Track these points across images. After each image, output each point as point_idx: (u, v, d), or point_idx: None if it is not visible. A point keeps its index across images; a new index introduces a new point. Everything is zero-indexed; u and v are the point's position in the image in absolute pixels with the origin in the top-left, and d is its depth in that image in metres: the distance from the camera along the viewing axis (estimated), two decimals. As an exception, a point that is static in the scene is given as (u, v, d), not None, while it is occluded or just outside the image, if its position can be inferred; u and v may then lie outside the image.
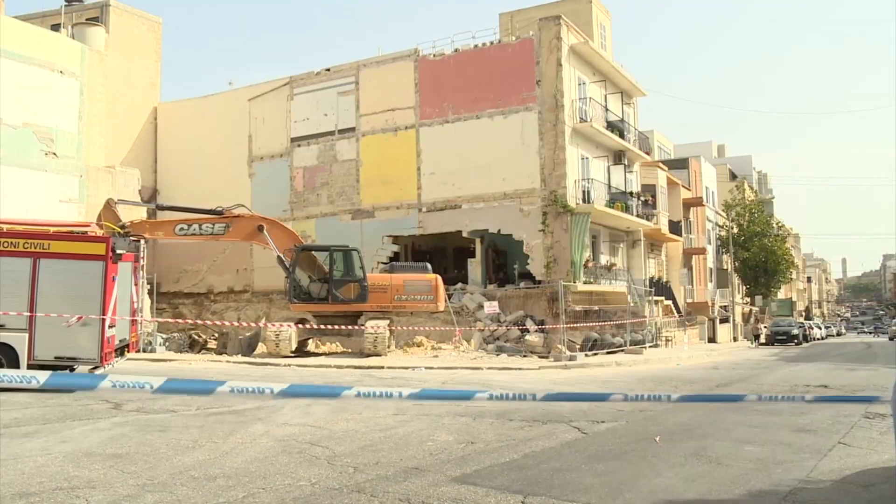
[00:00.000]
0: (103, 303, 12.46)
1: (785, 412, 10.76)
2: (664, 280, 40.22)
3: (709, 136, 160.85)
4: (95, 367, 12.66)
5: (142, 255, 15.18)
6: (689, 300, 44.86)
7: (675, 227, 41.85)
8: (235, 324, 22.44)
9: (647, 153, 37.99)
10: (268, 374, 16.47)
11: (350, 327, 22.08)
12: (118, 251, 12.95)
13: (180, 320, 25.61)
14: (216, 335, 24.89)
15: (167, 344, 23.41)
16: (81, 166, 25.60)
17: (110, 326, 12.61)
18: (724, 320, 48.10)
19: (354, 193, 32.39)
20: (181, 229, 21.57)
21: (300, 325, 22.41)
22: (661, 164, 40.95)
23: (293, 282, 21.69)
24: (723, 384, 16.09)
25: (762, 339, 46.84)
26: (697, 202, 48.12)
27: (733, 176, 65.30)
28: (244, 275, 34.53)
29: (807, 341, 48.94)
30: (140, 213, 25.51)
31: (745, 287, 58.58)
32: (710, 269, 52.16)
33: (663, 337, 32.79)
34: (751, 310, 58.06)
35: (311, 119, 33.45)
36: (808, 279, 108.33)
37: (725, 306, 50.71)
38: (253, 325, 24.35)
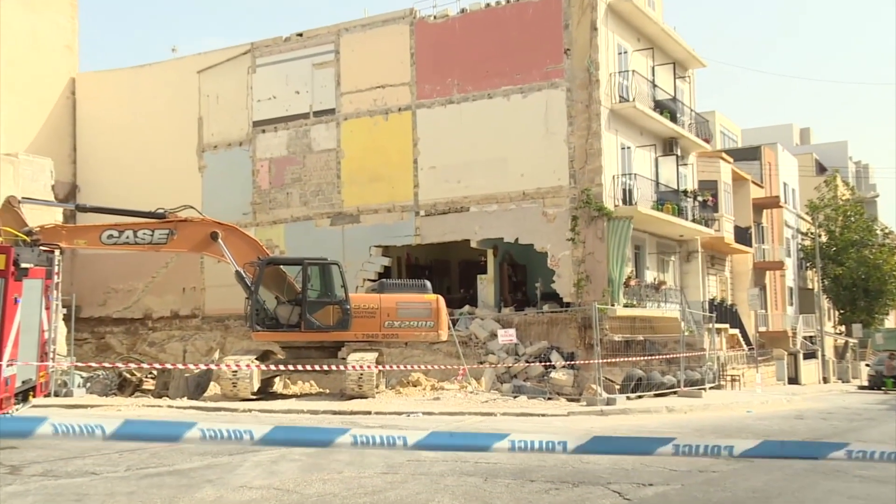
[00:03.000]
0: (0, 332, 12.08)
1: (901, 479, 10.29)
2: (729, 303, 40.26)
3: (789, 117, 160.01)
4: None
5: (56, 271, 15.04)
6: (761, 328, 44.86)
7: (742, 235, 41.94)
8: (179, 366, 22.52)
9: (707, 140, 38.14)
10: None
11: (328, 363, 22.15)
12: (23, 265, 12.70)
13: (106, 365, 25.55)
14: (153, 373, 24.96)
15: (89, 385, 23.30)
16: (-30, 153, 25.44)
17: (9, 364, 12.17)
18: (810, 355, 47.92)
19: (334, 192, 32.57)
20: (110, 237, 21.64)
21: (262, 366, 22.49)
22: (724, 155, 41.09)
23: (256, 304, 21.79)
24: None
25: (864, 381, 46.19)
26: (773, 203, 48.21)
27: (822, 168, 65.08)
28: (192, 295, 34.67)
29: None
30: (54, 216, 25.49)
31: (837, 312, 58.25)
32: (790, 289, 52.17)
33: (728, 376, 32.84)
34: (846, 342, 57.49)
35: (279, 98, 33.68)
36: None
37: (811, 337, 50.56)
38: (201, 366, 24.43)
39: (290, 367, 22.64)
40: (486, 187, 29.92)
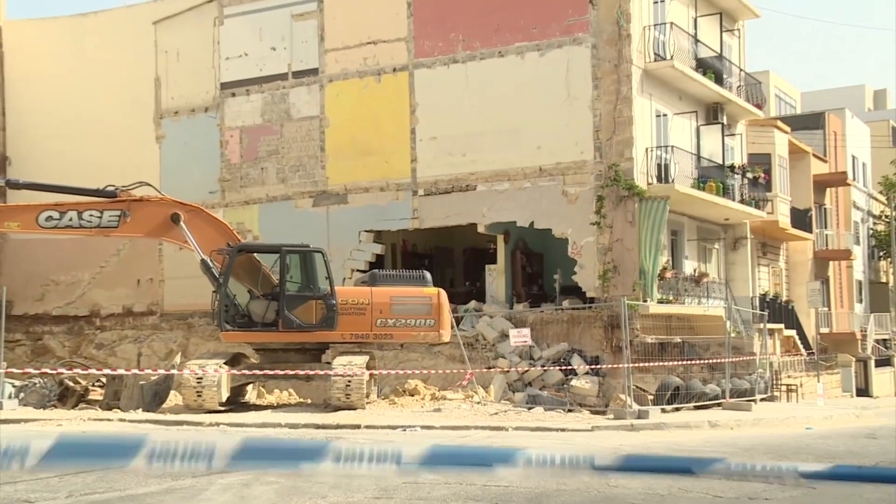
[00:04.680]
0: None
1: None
2: (784, 299, 40.46)
3: (860, 77, 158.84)
4: None
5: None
6: (823, 330, 44.70)
7: (801, 219, 42.03)
8: (133, 372, 22.58)
9: (759, 106, 38.19)
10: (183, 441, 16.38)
11: (310, 367, 22.41)
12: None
13: (45, 371, 25.67)
14: (101, 380, 25.03)
15: (22, 395, 23.33)
16: None
17: None
18: (884, 362, 47.88)
19: (317, 167, 32.72)
20: (49, 219, 21.78)
21: (233, 371, 22.72)
22: (780, 123, 41.10)
23: (225, 298, 21.97)
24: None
25: None
26: (839, 180, 48.10)
27: (901, 138, 64.81)
28: (148, 289, 34.87)
29: None
30: (-23, 193, 25.63)
31: (919, 311, 58.15)
32: (859, 283, 52.12)
33: (783, 386, 32.91)
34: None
35: (252, 55, 33.78)
36: None
37: (885, 340, 50.34)
38: (160, 370, 24.56)
39: (266, 373, 22.73)
40: (497, 162, 30.06)
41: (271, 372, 22.43)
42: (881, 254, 55.32)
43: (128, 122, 35.34)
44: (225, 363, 22.02)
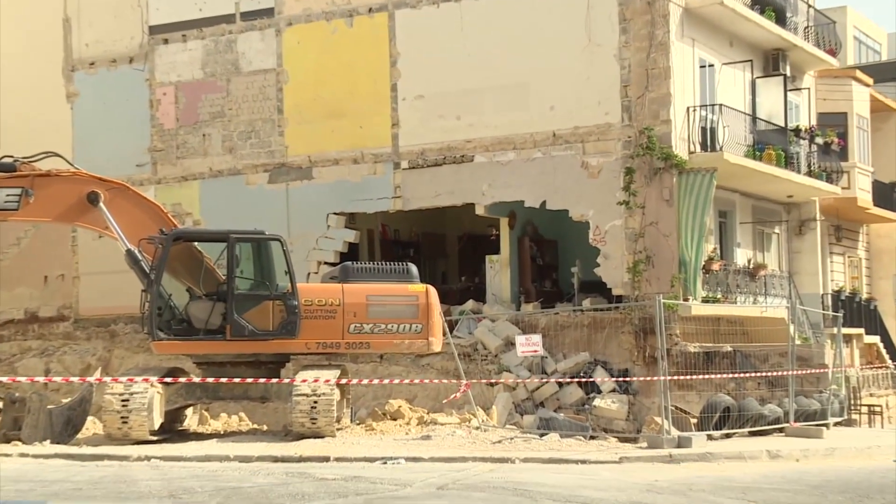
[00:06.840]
0: None
1: None
2: (863, 296, 40.55)
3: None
4: None
5: None
6: (915, 335, 45.07)
7: (886, 195, 42.12)
8: (37, 379, 22.67)
9: (833, 52, 38.26)
10: (103, 484, 15.43)
11: (265, 382, 22.73)
12: None
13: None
14: (-2, 404, 25.12)
15: None
16: None
17: None
18: None
19: (273, 133, 32.86)
20: (-72, 200, 21.99)
21: (169, 386, 22.98)
22: (859, 74, 41.07)
23: (158, 299, 22.00)
24: None
25: None
26: (935, 145, 48.19)
27: None
28: (59, 288, 35.03)
29: None
30: None
31: None
32: (961, 276, 52.32)
33: (863, 406, 32.96)
34: None
35: (189, -9, 33.88)
36: None
37: None
38: (77, 381, 24.66)
39: (208, 383, 22.54)
40: (499, 127, 30.21)
41: (216, 387, 22.47)
42: None
43: (29, 76, 35.42)
44: (158, 380, 21.89)
